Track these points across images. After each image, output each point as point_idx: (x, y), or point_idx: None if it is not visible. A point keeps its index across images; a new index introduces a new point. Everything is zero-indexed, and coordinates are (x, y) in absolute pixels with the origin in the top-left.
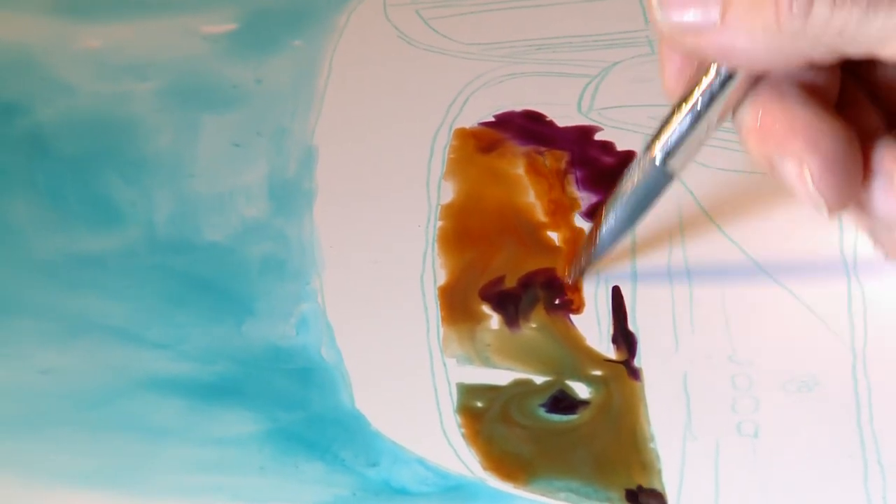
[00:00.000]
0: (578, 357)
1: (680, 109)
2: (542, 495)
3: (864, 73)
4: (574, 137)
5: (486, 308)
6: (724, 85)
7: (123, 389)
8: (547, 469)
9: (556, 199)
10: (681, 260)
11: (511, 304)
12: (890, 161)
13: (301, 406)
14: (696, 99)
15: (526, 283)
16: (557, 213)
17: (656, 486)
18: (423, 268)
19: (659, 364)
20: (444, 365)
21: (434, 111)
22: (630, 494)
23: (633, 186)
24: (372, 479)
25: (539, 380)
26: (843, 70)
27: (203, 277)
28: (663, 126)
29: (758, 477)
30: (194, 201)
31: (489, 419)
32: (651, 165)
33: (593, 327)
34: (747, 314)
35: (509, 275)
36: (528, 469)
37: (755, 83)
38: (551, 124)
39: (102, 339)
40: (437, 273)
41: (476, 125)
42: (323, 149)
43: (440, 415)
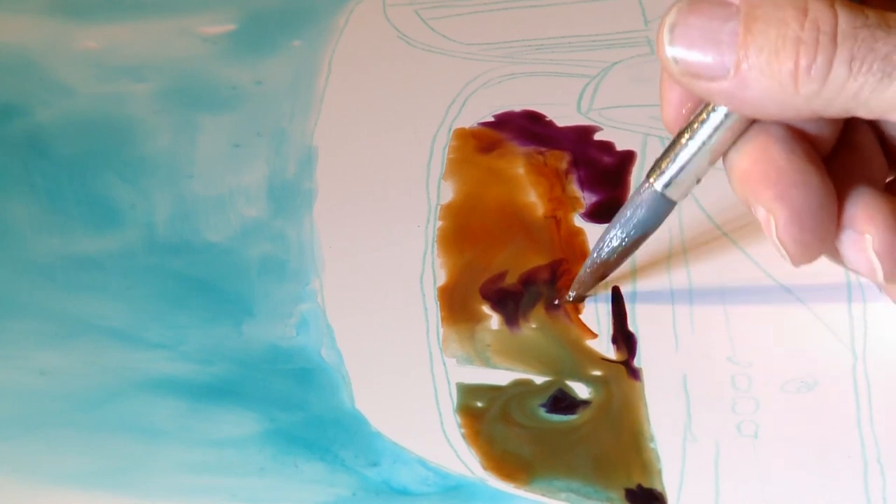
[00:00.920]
0: (578, 357)
1: (682, 139)
2: (543, 495)
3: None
4: (574, 137)
5: (486, 308)
6: (726, 118)
7: (122, 390)
8: (547, 469)
9: (557, 197)
10: (681, 260)
11: (512, 301)
12: (863, 217)
13: (301, 406)
14: (698, 131)
15: (527, 280)
16: (558, 213)
17: (656, 487)
18: (422, 268)
19: (659, 364)
20: (444, 365)
21: (434, 111)
22: (630, 494)
23: (633, 212)
24: (372, 480)
25: (539, 380)
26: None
27: (202, 278)
28: (665, 154)
29: (758, 477)
30: (193, 202)
31: (489, 419)
32: (652, 193)
33: (593, 327)
34: (747, 314)
35: (511, 271)
36: (529, 469)
37: (750, 123)
38: (551, 124)
39: (101, 341)
40: (437, 273)
41: (476, 125)
42: (322, 149)
43: (440, 415)
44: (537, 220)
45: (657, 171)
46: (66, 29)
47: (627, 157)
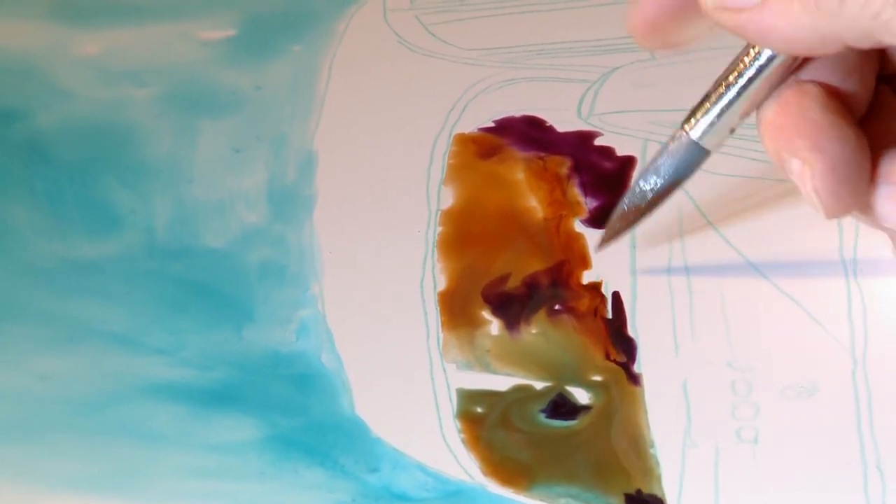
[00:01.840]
0: (579, 362)
1: (718, 90)
2: (543, 500)
3: None
4: (574, 143)
5: (486, 313)
6: (765, 66)
7: (122, 395)
8: (547, 474)
9: (558, 201)
10: (681, 265)
11: (513, 306)
12: None
13: (301, 412)
14: (735, 82)
15: (530, 283)
16: (558, 216)
17: (656, 492)
18: (423, 273)
19: (659, 369)
20: (444, 370)
21: (434, 116)
22: (630, 499)
23: (666, 159)
24: (372, 485)
25: (539, 385)
26: (885, 83)
27: (202, 283)
28: (700, 104)
29: (758, 482)
30: (194, 207)
31: (489, 424)
32: (687, 140)
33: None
34: (747, 319)
35: (514, 274)
36: (529, 474)
37: (786, 77)
38: (551, 129)
39: (102, 345)
40: (437, 278)
41: (476, 130)
42: (323, 154)
43: (440, 420)
44: (537, 224)
45: (692, 119)
46: (67, 34)
47: (628, 163)
